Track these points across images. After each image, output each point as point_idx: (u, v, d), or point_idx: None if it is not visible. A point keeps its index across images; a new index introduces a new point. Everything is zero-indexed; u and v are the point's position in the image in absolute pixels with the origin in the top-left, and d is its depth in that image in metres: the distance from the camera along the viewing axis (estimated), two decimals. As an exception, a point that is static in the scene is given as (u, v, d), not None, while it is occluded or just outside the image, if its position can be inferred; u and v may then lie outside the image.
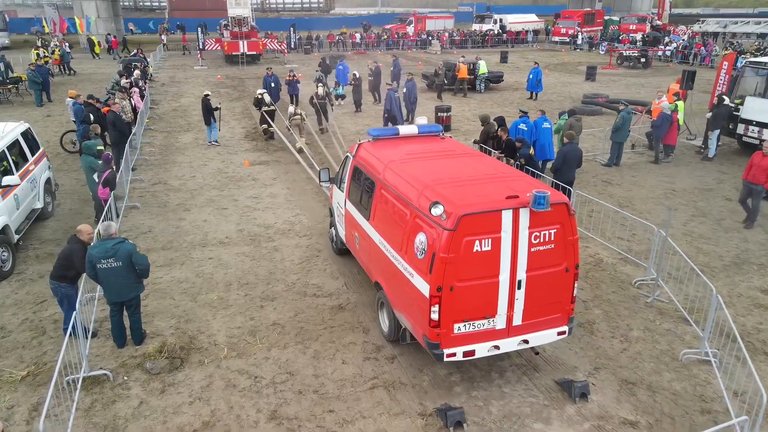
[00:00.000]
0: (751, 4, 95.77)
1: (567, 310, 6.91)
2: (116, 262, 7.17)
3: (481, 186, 6.90)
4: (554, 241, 6.52)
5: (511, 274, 6.43)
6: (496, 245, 6.26)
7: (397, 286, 7.18)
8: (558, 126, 15.26)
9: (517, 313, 6.62)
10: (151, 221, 12.11)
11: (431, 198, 6.49)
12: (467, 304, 6.39)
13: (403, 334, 7.44)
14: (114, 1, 51.42)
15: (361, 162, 8.78)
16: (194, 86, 29.72)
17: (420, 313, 6.54)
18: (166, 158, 16.73)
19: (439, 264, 6.15)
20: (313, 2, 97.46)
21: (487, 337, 6.60)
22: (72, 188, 14.13)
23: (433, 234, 6.28)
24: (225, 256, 10.57)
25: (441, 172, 7.40)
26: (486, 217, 6.20)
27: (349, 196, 9.17)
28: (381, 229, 7.75)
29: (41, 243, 11.04)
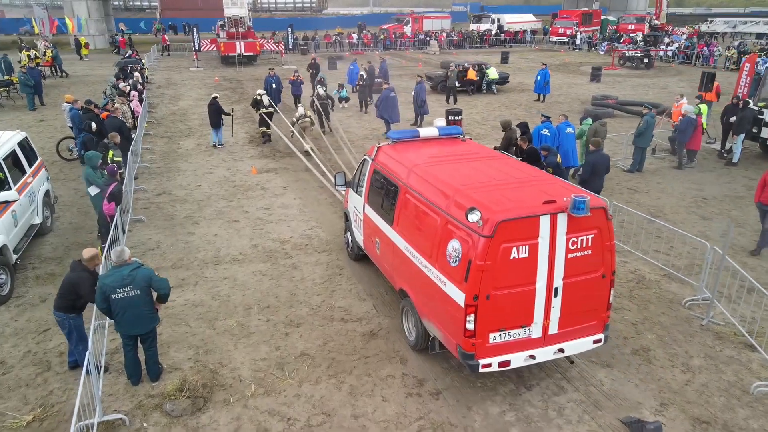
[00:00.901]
0: (742, 4, 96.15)
1: (603, 318, 6.72)
2: (134, 290, 6.42)
3: (513, 190, 6.68)
4: (591, 247, 6.34)
5: (548, 282, 6.26)
6: (533, 252, 6.08)
7: (427, 294, 6.95)
8: (580, 131, 14.62)
9: (553, 322, 6.43)
10: (158, 236, 11.33)
11: (463, 203, 6.27)
12: (503, 313, 6.19)
13: (431, 344, 7.16)
14: (105, 0, 50.35)
15: (381, 165, 8.56)
16: (191, 88, 28.87)
17: (454, 322, 6.31)
18: (169, 166, 15.93)
19: (475, 272, 5.94)
20: (305, 2, 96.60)
21: (522, 347, 6.40)
22: (71, 199, 13.31)
23: (468, 241, 6.06)
24: (241, 275, 9.82)
25: (469, 176, 7.15)
26: (523, 223, 5.99)
27: (368, 200, 8.93)
28: (407, 235, 7.51)
29: (41, 262, 10.24)
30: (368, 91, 23.73)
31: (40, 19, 44.21)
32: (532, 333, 6.38)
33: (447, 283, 6.39)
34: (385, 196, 8.27)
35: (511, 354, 6.35)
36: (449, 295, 6.33)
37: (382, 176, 8.43)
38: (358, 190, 9.41)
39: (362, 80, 23.82)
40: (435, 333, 6.96)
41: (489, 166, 7.66)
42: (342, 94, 23.88)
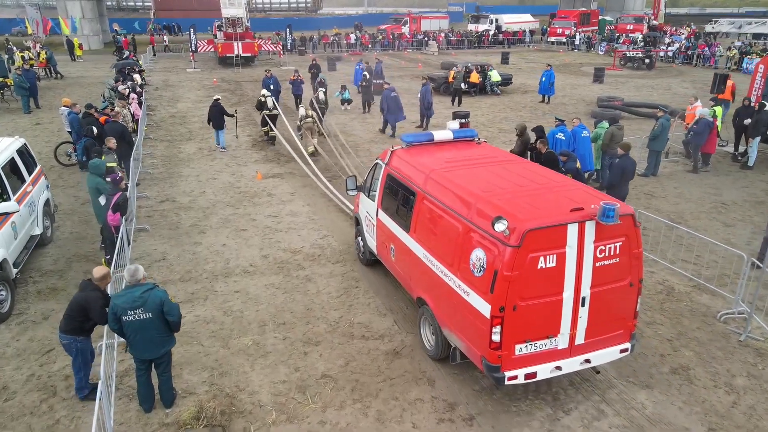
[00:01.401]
0: (736, 4, 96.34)
1: (629, 327, 6.58)
2: (146, 313, 5.97)
3: (537, 197, 6.48)
4: (619, 255, 6.18)
5: (575, 291, 6.09)
6: (560, 261, 5.91)
7: (448, 304, 6.76)
8: (595, 134, 14.24)
9: (579, 332, 6.27)
10: (163, 246, 10.86)
11: (487, 211, 6.11)
12: (529, 324, 6.02)
13: (453, 354, 6.96)
14: (99, 0, 49.69)
15: (395, 170, 8.37)
16: (189, 90, 28.34)
17: (478, 334, 6.13)
18: (171, 171, 15.44)
19: (502, 283, 5.77)
20: (300, 2, 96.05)
21: (548, 358, 6.24)
22: (71, 207, 12.81)
23: (493, 250, 5.89)
24: (253, 289, 9.37)
25: (490, 182, 6.97)
26: (551, 231, 5.83)
27: (381, 205, 8.76)
28: (425, 242, 7.31)
29: (42, 275, 9.75)
30: (371, 91, 23.38)
31: (33, 20, 43.51)
32: (559, 344, 6.22)
33: (471, 293, 6.21)
34: (401, 201, 8.10)
35: (537, 366, 6.18)
36: (473, 306, 6.16)
37: (397, 181, 8.24)
38: (371, 194, 9.22)
39: (366, 80, 23.44)
40: (457, 343, 6.76)
41: (509, 171, 7.45)
42: (345, 95, 23.45)
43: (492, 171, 7.44)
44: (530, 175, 7.27)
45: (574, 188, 6.87)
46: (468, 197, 6.57)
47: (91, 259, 10.35)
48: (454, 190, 6.86)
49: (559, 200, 6.33)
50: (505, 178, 7.15)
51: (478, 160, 8.00)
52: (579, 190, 6.74)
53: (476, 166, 7.69)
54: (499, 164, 7.81)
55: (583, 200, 6.22)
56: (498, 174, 7.29)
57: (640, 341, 7.94)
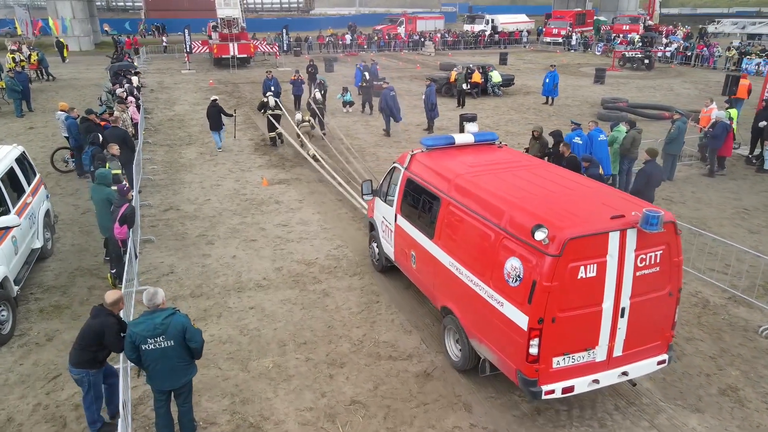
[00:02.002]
0: (726, 4, 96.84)
1: (667, 337, 6.36)
2: (167, 341, 5.48)
3: (573, 203, 6.26)
4: (660, 264, 5.96)
5: (615, 302, 5.86)
6: (601, 271, 5.69)
7: (478, 314, 6.53)
8: (612, 137, 13.84)
9: (618, 344, 6.04)
10: (171, 259, 10.35)
11: (523, 219, 5.89)
12: (568, 336, 5.79)
13: (482, 366, 6.70)
14: (90, 1, 48.86)
15: (416, 175, 8.12)
16: (186, 92, 27.73)
17: (514, 346, 5.90)
18: (173, 177, 14.90)
19: (541, 294, 5.53)
20: (292, 2, 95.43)
21: (586, 371, 6.00)
22: (70, 217, 12.25)
23: (531, 260, 5.66)
24: (268, 305, 8.88)
25: (520, 188, 6.74)
26: (592, 240, 5.61)
27: (401, 211, 8.52)
28: (452, 250, 7.07)
29: (44, 291, 9.21)
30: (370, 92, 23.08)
31: (23, 21, 42.65)
32: (597, 356, 5.99)
33: (505, 303, 5.99)
34: (423, 207, 7.87)
35: (575, 379, 5.94)
36: (508, 317, 5.94)
37: (419, 186, 7.99)
38: (388, 199, 8.97)
39: (365, 81, 23.06)
40: (487, 355, 6.52)
41: (537, 176, 7.22)
42: (346, 98, 22.99)
43: (519, 176, 7.21)
44: (560, 180, 7.06)
45: (609, 193, 6.68)
46: (500, 204, 6.33)
47: (95, 273, 9.82)
48: (484, 197, 6.64)
49: (596, 206, 6.13)
50: (535, 183, 6.91)
51: (503, 165, 7.75)
52: (614, 196, 6.54)
53: (502, 171, 7.43)
54: (524, 169, 7.57)
55: (621, 206, 6.01)
56: (526, 179, 7.06)
57: (682, 359, 7.57)
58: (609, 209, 5.94)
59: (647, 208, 5.68)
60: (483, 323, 6.46)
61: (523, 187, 6.74)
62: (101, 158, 10.72)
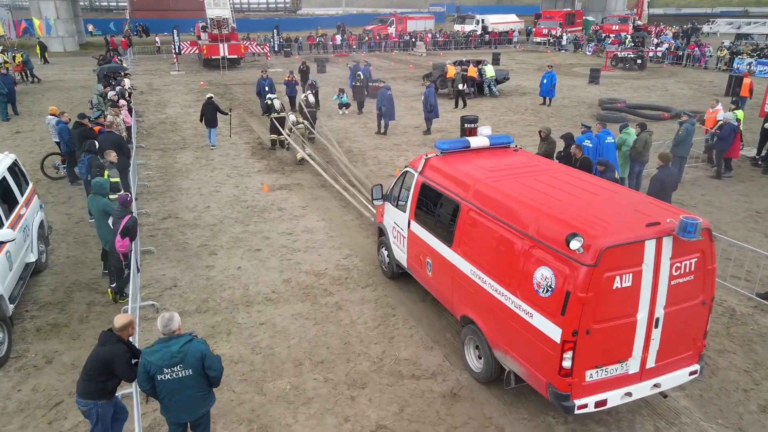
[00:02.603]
0: (709, 4, 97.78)
1: (699, 347, 6.21)
2: (185, 370, 5.04)
3: (603, 209, 6.03)
4: (694, 272, 5.81)
5: (650, 312, 5.68)
6: (636, 280, 5.50)
7: (503, 325, 6.33)
8: (620, 140, 13.57)
9: (651, 355, 5.87)
10: (173, 271, 9.87)
11: (553, 226, 5.71)
12: (602, 348, 5.59)
13: (507, 378, 6.44)
14: (74, 0, 47.87)
15: (432, 179, 7.93)
16: (177, 94, 27.11)
17: (545, 359, 5.69)
18: (169, 184, 14.37)
19: (575, 305, 5.32)
20: (279, 2, 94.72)
21: (619, 384, 5.82)
22: (64, 227, 11.70)
23: (564, 269, 5.46)
24: (279, 320, 8.45)
25: (545, 193, 6.52)
26: (628, 248, 5.41)
27: (414, 217, 8.31)
28: (473, 258, 6.88)
29: (40, 309, 8.69)
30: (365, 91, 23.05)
31: (5, 21, 41.60)
32: (630, 368, 5.81)
33: (534, 314, 5.78)
34: (440, 213, 7.70)
35: (607, 392, 5.75)
36: (538, 329, 5.74)
37: (434, 191, 7.80)
38: (399, 204, 8.78)
39: (359, 81, 22.78)
40: (513, 368, 6.31)
41: (559, 180, 7.01)
42: (343, 99, 22.58)
43: (541, 180, 7.00)
44: (583, 185, 6.85)
45: (637, 199, 6.50)
46: (527, 211, 6.14)
47: (94, 287, 9.32)
48: (508, 203, 6.44)
49: (627, 213, 5.93)
50: (559, 188, 6.71)
51: (522, 169, 7.54)
52: (644, 201, 6.36)
53: (522, 176, 7.22)
54: (545, 173, 7.35)
55: (653, 213, 5.83)
56: (549, 184, 6.86)
57: (716, 373, 7.28)
58: (642, 216, 5.76)
59: (684, 215, 5.49)
60: (509, 334, 6.25)
61: (547, 193, 6.53)
62: (99, 166, 10.21)
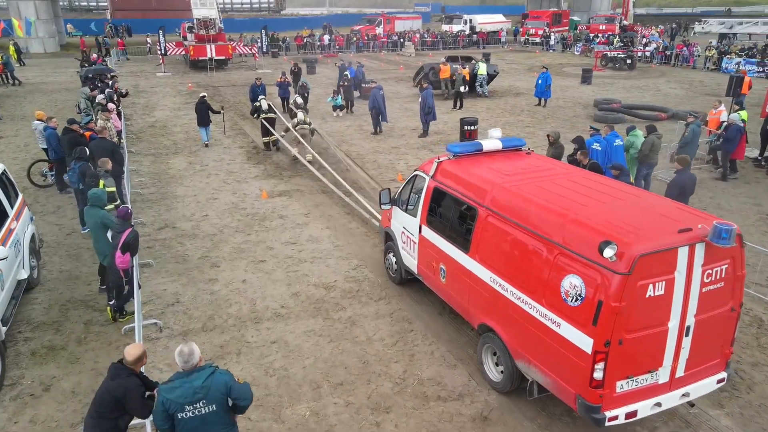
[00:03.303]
0: (689, 4, 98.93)
1: (726, 354, 6.10)
2: (209, 405, 4.58)
3: (631, 215, 5.83)
4: (724, 279, 5.69)
5: (681, 320, 5.54)
6: (669, 288, 5.37)
7: (527, 334, 6.14)
8: (628, 142, 13.32)
9: (681, 364, 5.74)
10: (174, 286, 9.36)
11: (582, 232, 5.54)
12: (633, 358, 5.45)
13: (529, 389, 6.29)
14: (53, 0, 46.74)
15: (445, 183, 7.75)
16: (164, 97, 26.43)
17: (574, 370, 5.52)
18: (164, 191, 13.81)
19: (608, 314, 5.16)
20: (263, 2, 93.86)
21: (649, 394, 5.67)
22: (55, 238, 11.12)
23: (595, 278, 5.28)
24: (291, 338, 8.00)
25: (568, 198, 6.33)
26: (662, 256, 5.26)
27: (426, 222, 8.13)
28: (492, 265, 6.70)
29: (33, 329, 8.13)
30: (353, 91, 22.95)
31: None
32: (660, 378, 5.68)
33: (563, 324, 5.63)
34: (454, 218, 7.56)
35: (637, 403, 5.61)
36: (566, 339, 5.58)
37: (448, 196, 7.65)
38: (409, 209, 8.62)
39: (347, 81, 22.52)
40: (537, 378, 6.14)
41: (580, 185, 6.82)
42: (337, 101, 22.14)
43: (561, 184, 6.82)
44: (605, 189, 6.66)
45: (663, 203, 6.36)
46: (552, 217, 5.96)
47: (90, 305, 8.78)
48: (531, 208, 6.27)
49: (656, 218, 5.78)
50: (580, 192, 6.51)
51: (539, 173, 7.34)
52: (670, 206, 6.23)
53: (540, 180, 7.03)
54: (563, 177, 7.16)
55: (682, 218, 5.72)
56: (569, 188, 6.67)
57: (753, 389, 6.99)
58: (670, 221, 5.63)
59: (718, 221, 5.35)
60: (533, 344, 6.07)
61: (569, 197, 6.34)
62: (93, 175, 9.65)
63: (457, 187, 7.47)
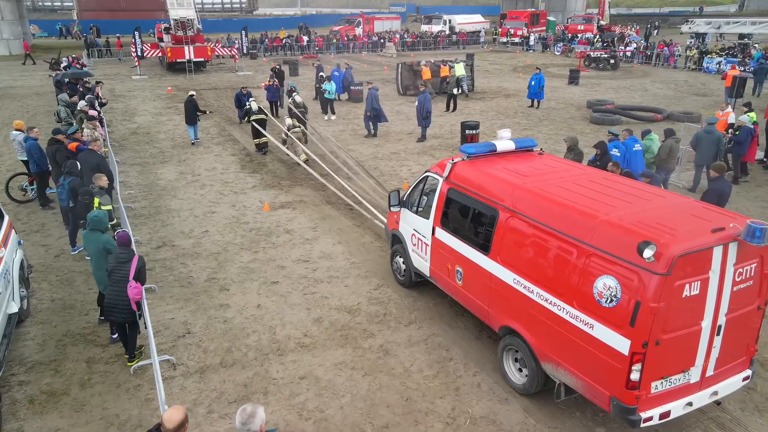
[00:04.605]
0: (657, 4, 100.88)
1: (751, 352, 6.17)
2: (268, 483, 3.85)
3: (661, 215, 5.77)
4: (753, 277, 5.74)
5: (713, 319, 5.57)
6: (703, 288, 5.40)
7: (556, 336, 6.09)
8: (643, 147, 12.89)
9: (711, 363, 5.77)
10: (182, 313, 8.50)
11: (614, 234, 5.51)
12: (668, 358, 5.47)
13: (557, 391, 6.22)
14: (19, 1, 44.76)
15: (461, 185, 7.68)
16: (143, 101, 25.24)
17: (609, 371, 5.50)
18: (156, 204, 12.86)
19: (647, 315, 5.14)
20: (234, 3, 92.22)
21: (681, 394, 5.70)
22: (42, 261, 10.12)
23: (632, 279, 5.26)
24: (321, 372, 7.25)
25: (594, 199, 6.26)
26: (698, 256, 5.26)
27: (441, 224, 8.03)
28: (516, 266, 6.64)
29: (28, 371, 7.20)
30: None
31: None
32: (692, 377, 5.71)
33: (596, 325, 5.59)
34: (472, 220, 7.52)
35: (671, 403, 5.63)
36: (600, 341, 5.55)
37: (465, 197, 7.59)
38: (420, 211, 8.55)
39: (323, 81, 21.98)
40: (566, 380, 6.09)
41: (601, 185, 6.77)
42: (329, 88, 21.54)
43: (582, 185, 6.77)
44: (629, 189, 6.63)
45: (690, 203, 6.34)
46: (581, 218, 5.90)
47: (90, 339, 7.88)
48: (557, 209, 6.21)
49: (688, 219, 5.74)
50: (605, 193, 6.46)
51: (557, 173, 7.29)
52: (697, 206, 6.21)
53: (561, 180, 6.97)
54: (583, 177, 7.10)
55: (713, 218, 5.70)
56: (592, 188, 6.63)
57: (829, 417, 6.52)
58: (702, 221, 5.62)
59: (751, 220, 5.34)
60: (563, 346, 6.02)
61: (594, 198, 6.29)
62: (87, 193, 8.74)
63: (475, 189, 7.40)
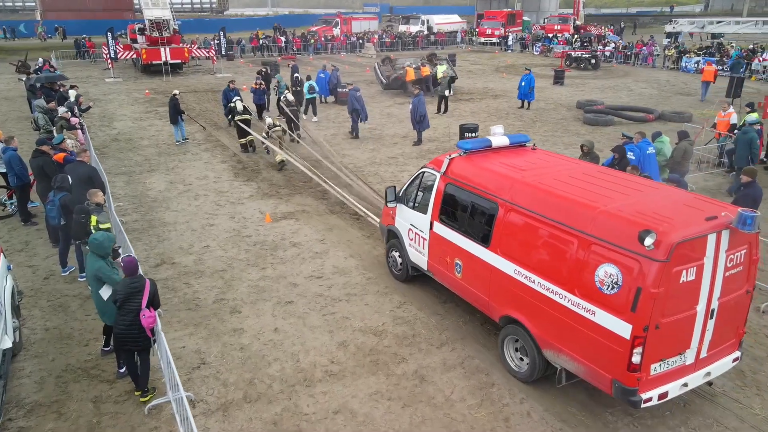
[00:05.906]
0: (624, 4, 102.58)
1: (740, 334, 6.48)
2: None
3: (656, 205, 6.04)
4: (743, 263, 6.05)
5: (707, 303, 5.88)
6: (698, 274, 5.70)
7: (557, 323, 6.33)
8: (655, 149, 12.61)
9: (705, 345, 6.07)
10: (193, 341, 7.79)
11: (614, 223, 5.77)
12: (666, 342, 5.73)
13: (558, 377, 6.47)
14: (-19, 1, 42.83)
15: (458, 180, 7.88)
16: (121, 105, 24.14)
17: (611, 355, 5.76)
18: (149, 218, 12.04)
19: (647, 301, 5.42)
20: (204, 3, 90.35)
21: (678, 375, 6.00)
22: (30, 284, 9.25)
23: (633, 266, 5.52)
24: (356, 404, 6.64)
25: (590, 191, 6.51)
26: (694, 243, 5.57)
27: (439, 218, 8.21)
28: (516, 257, 6.87)
29: (27, 414, 6.42)
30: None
31: None
32: (687, 359, 6.00)
33: (597, 312, 5.84)
34: (471, 213, 7.67)
35: (668, 384, 5.91)
36: (602, 326, 5.80)
37: (463, 191, 7.77)
38: (417, 206, 8.72)
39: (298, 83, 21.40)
40: (568, 366, 6.33)
41: (595, 177, 7.02)
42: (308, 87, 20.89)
43: (578, 177, 6.99)
44: (623, 182, 6.87)
45: (681, 194, 6.66)
46: (581, 209, 6.15)
47: (93, 373, 7.12)
48: (556, 201, 6.45)
49: (682, 208, 6.02)
50: (599, 185, 6.69)
51: (552, 167, 7.52)
52: (689, 197, 6.53)
53: (557, 173, 7.19)
54: (577, 170, 7.32)
55: (705, 207, 6.00)
56: (587, 180, 6.86)
57: None
58: (695, 210, 5.91)
59: (742, 209, 5.64)
60: (564, 333, 6.25)
61: (591, 190, 6.53)
62: (83, 211, 7.93)
63: (474, 183, 7.57)
